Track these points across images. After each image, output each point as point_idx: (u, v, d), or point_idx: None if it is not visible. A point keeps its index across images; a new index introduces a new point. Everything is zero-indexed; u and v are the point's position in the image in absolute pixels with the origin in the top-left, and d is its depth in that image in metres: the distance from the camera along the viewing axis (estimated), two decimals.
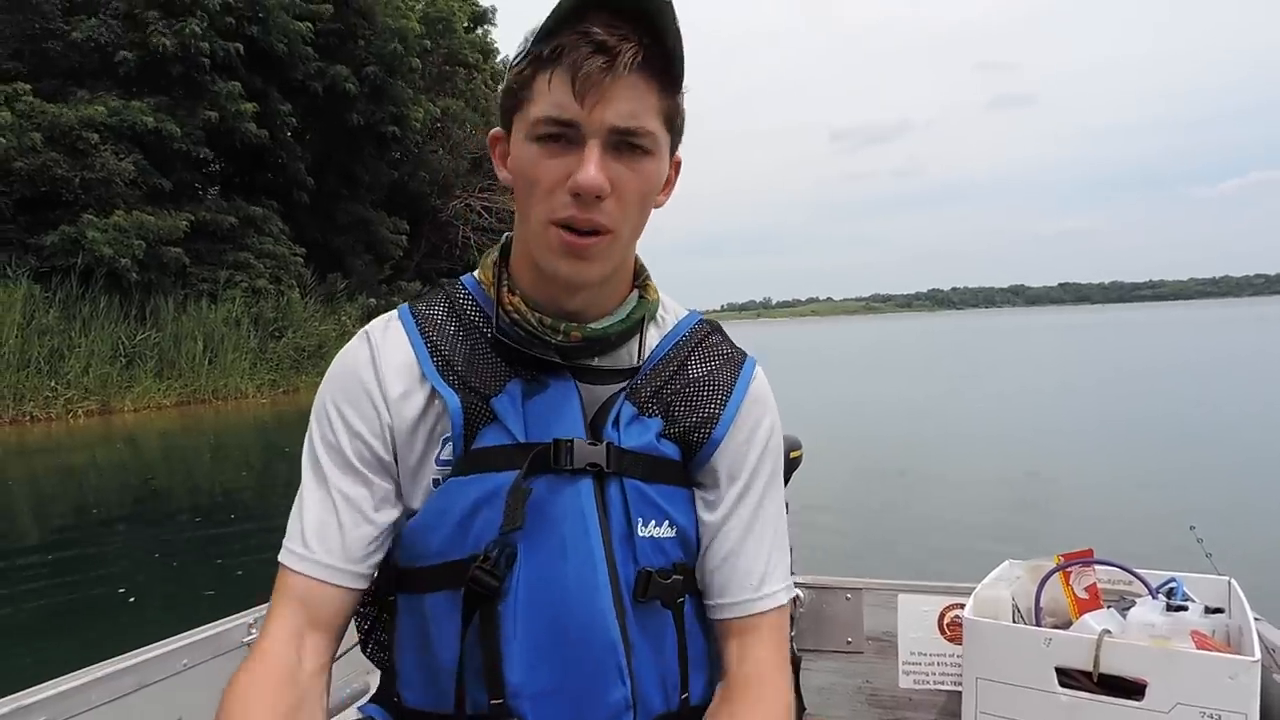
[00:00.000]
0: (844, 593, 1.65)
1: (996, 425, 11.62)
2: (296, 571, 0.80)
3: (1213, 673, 1.19)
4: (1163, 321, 69.63)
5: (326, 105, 20.04)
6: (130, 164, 15.62)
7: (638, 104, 0.74)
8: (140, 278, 15.55)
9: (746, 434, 0.86)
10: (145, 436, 12.78)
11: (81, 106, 15.23)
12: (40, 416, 13.38)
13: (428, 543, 0.80)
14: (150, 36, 16.18)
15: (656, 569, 0.80)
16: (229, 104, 17.24)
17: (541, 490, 0.77)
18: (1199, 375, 19.28)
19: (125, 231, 15.00)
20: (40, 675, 1.13)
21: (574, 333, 0.82)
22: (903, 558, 4.59)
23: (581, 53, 0.71)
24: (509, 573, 0.77)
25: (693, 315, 0.93)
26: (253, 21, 17.74)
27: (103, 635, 4.18)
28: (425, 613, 0.81)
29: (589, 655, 0.76)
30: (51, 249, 14.69)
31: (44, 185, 14.86)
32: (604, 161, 0.74)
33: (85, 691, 1.14)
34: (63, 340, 14.21)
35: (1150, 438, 10.16)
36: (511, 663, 0.76)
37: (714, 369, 0.87)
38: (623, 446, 0.80)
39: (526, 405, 0.81)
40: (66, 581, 5.07)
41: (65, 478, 9.38)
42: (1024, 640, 1.33)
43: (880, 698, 1.62)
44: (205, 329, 16.52)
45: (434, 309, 0.87)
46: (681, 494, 0.84)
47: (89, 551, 5.87)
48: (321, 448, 0.83)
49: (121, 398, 14.70)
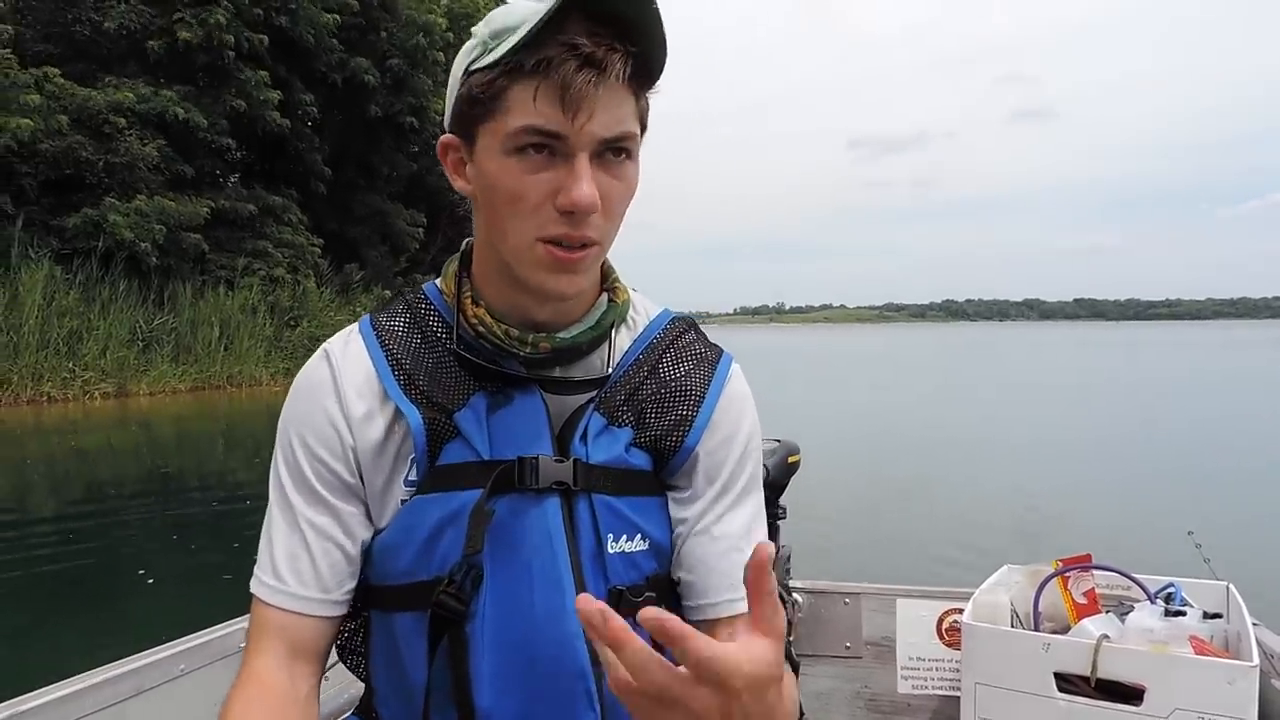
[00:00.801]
0: (842, 597, 1.64)
1: (997, 433, 11.61)
2: (271, 605, 0.78)
3: (1211, 678, 1.19)
4: (1175, 340, 69.16)
5: (346, 96, 20.16)
6: (154, 149, 15.79)
7: (621, 111, 0.72)
8: (160, 262, 15.69)
9: (724, 436, 0.84)
10: (160, 421, 12.90)
11: (110, 91, 15.41)
12: (57, 397, 13.51)
13: (395, 561, 0.78)
14: (177, 26, 16.33)
15: (629, 585, 0.78)
16: (256, 92, 17.36)
17: (505, 511, 0.75)
18: (1203, 390, 19.22)
19: (146, 216, 15.15)
20: (61, 659, 1.13)
21: (543, 344, 0.79)
22: (901, 563, 4.57)
23: (570, 66, 0.68)
24: (475, 595, 0.75)
25: (665, 314, 0.90)
26: (281, 12, 17.87)
27: (126, 617, 4.23)
28: (395, 631, 0.80)
29: (558, 682, 0.75)
30: (73, 231, 14.85)
31: (68, 168, 15.01)
32: (593, 175, 0.72)
33: (82, 697, 1.13)
34: (82, 322, 14.35)
35: (1149, 446, 10.21)
36: (480, 686, 0.74)
37: (688, 370, 0.84)
38: (591, 462, 0.78)
39: (491, 420, 0.78)
40: (86, 564, 5.13)
41: (82, 458, 9.49)
42: (1022, 645, 1.33)
43: (879, 703, 1.62)
44: (222, 315, 16.66)
45: (395, 320, 0.84)
46: (653, 504, 0.82)
47: (107, 533, 5.94)
48: (287, 476, 0.80)
49: (138, 381, 14.84)
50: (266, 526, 0.81)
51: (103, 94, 15.25)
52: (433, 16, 21.33)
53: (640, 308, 0.89)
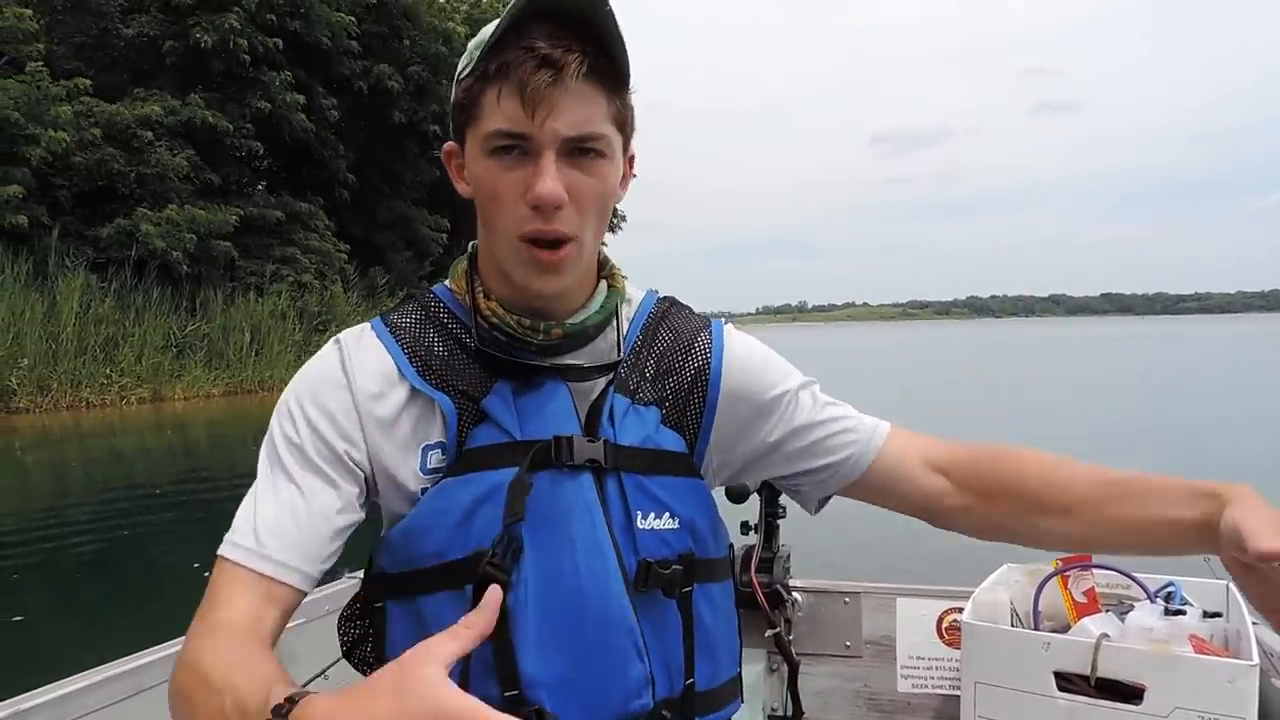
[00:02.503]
0: (842, 596, 1.63)
1: (1000, 428, 11.47)
2: (244, 566, 0.75)
3: (1211, 677, 1.18)
4: (1201, 334, 67.71)
5: (370, 103, 20.39)
6: (183, 160, 16.13)
7: (587, 111, 0.75)
8: (191, 270, 16.02)
9: (744, 372, 0.89)
10: (195, 424, 13.20)
11: (137, 105, 15.75)
12: (95, 402, 13.84)
13: (423, 545, 0.78)
14: (192, 30, 16.62)
15: (657, 560, 0.80)
16: (279, 94, 17.61)
17: (544, 484, 0.78)
18: (1208, 384, 18.91)
19: (177, 225, 15.47)
20: (107, 641, 1.17)
21: (555, 330, 0.82)
22: (901, 561, 4.56)
23: (527, 67, 0.72)
24: (516, 566, 0.76)
25: (651, 293, 0.94)
26: (294, 16, 18.12)
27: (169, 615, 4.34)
28: (423, 616, 0.79)
29: (606, 638, 0.77)
30: (107, 241, 15.20)
31: (101, 180, 15.38)
32: (560, 171, 0.75)
33: (83, 696, 1.12)
34: (117, 329, 14.68)
35: (1149, 441, 10.11)
36: (526, 653, 0.75)
37: (688, 331, 0.90)
38: (620, 443, 0.81)
39: (518, 404, 0.81)
40: (126, 564, 5.28)
41: (117, 461, 9.75)
42: (1022, 644, 1.33)
43: (879, 702, 1.62)
44: (252, 321, 16.96)
45: (408, 318, 0.86)
46: (685, 485, 0.84)
47: (144, 532, 6.11)
48: (284, 446, 0.80)
49: (172, 386, 15.16)
50: (250, 497, 0.79)
51: (130, 108, 15.59)
52: (453, 25, 21.50)
53: (630, 292, 0.93)
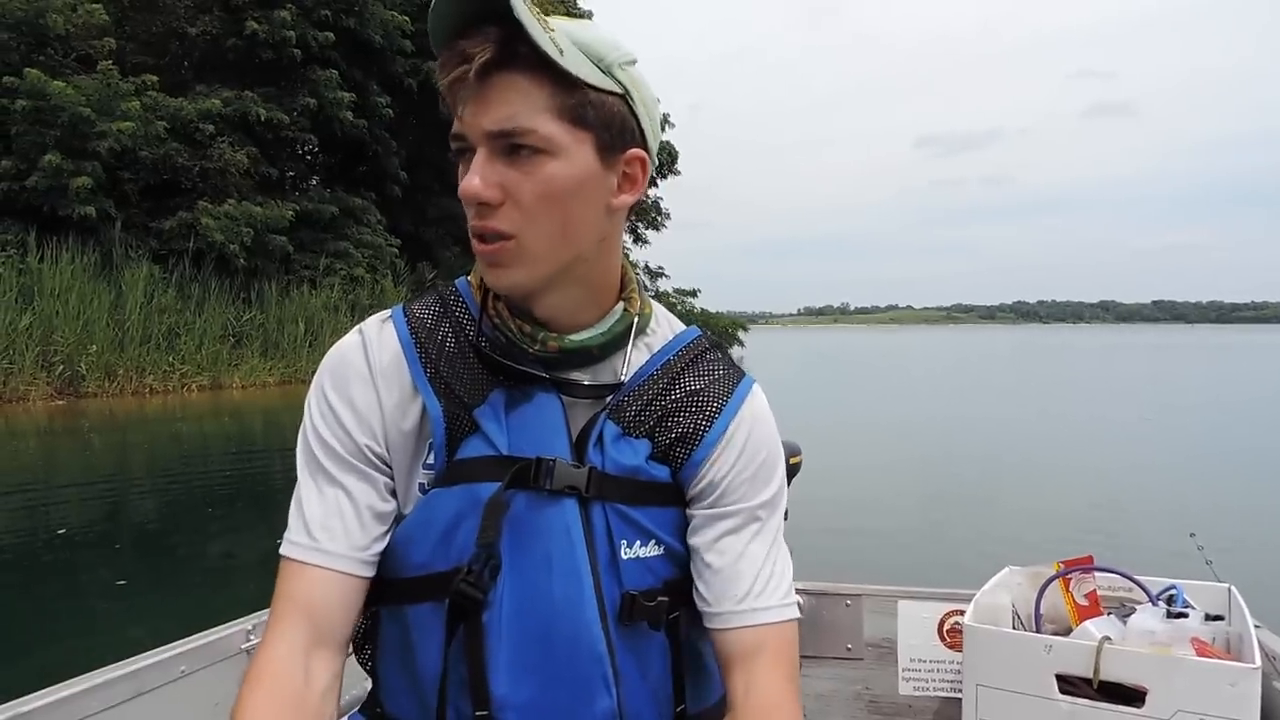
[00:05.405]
0: (844, 599, 1.64)
1: (1002, 435, 11.40)
2: (301, 561, 0.78)
3: (1213, 680, 1.19)
4: (1247, 344, 65.04)
5: (421, 101, 20.70)
6: (244, 155, 16.63)
7: (517, 105, 0.73)
8: (247, 263, 16.44)
9: (737, 452, 0.83)
10: (250, 411, 13.60)
11: (200, 100, 16.25)
12: (158, 389, 14.30)
13: (410, 554, 0.79)
14: (245, 24, 17.04)
15: (642, 590, 0.79)
16: (326, 91, 17.90)
17: (524, 505, 0.77)
18: (1226, 391, 18.35)
19: (235, 220, 15.91)
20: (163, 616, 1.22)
21: (550, 343, 0.81)
22: (902, 564, 4.52)
23: (449, 66, 0.73)
24: (493, 585, 0.76)
25: (690, 331, 0.90)
26: (349, 14, 18.44)
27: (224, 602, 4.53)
28: (407, 624, 0.80)
29: (575, 666, 0.76)
30: (169, 233, 15.69)
31: (165, 174, 15.91)
32: (491, 168, 0.74)
33: (83, 698, 1.13)
34: (179, 319, 15.14)
35: (1153, 447, 9.97)
36: (497, 674, 0.75)
37: (705, 386, 0.85)
38: (606, 470, 0.79)
39: (509, 416, 0.80)
40: (184, 550, 5.45)
41: (177, 442, 10.14)
42: (1024, 647, 1.33)
43: (880, 704, 1.62)
44: (306, 313, 17.34)
45: (427, 312, 0.86)
46: (670, 515, 0.83)
47: (203, 517, 6.31)
48: (316, 443, 0.82)
49: (230, 374, 15.60)
50: (296, 496, 0.82)
51: (193, 104, 16.10)
52: None
53: (663, 322, 0.90)
